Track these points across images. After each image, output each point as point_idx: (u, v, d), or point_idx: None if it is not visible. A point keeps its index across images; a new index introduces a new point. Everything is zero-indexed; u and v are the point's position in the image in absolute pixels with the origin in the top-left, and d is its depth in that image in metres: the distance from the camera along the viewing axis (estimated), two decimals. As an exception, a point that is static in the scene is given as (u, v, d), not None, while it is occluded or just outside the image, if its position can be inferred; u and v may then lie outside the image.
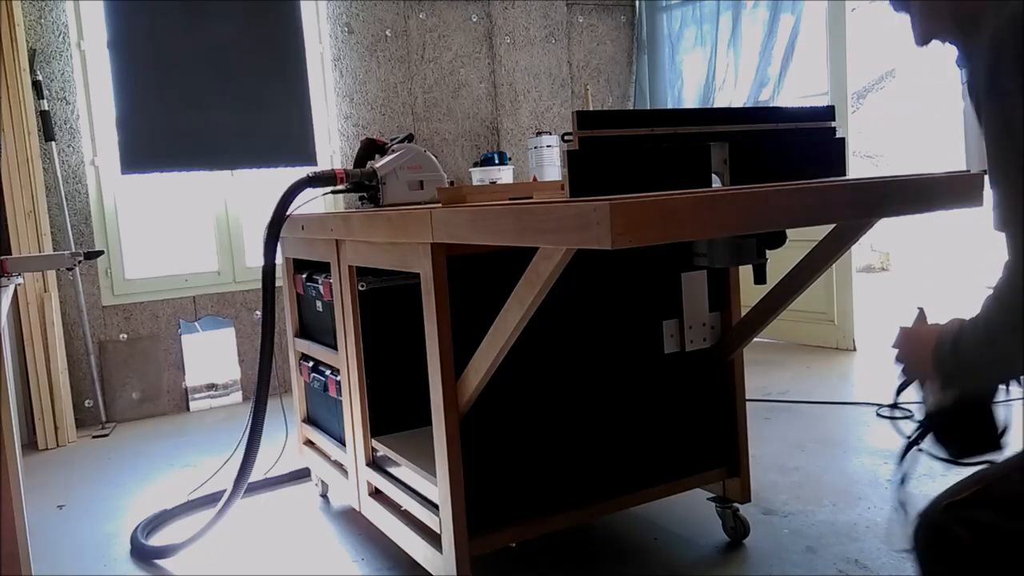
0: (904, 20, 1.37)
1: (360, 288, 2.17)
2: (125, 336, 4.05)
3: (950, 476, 1.19)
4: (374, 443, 2.18)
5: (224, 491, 2.40)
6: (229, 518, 2.39)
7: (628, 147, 1.54)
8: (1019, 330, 1.03)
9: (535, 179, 4.51)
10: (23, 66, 3.65)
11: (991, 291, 1.06)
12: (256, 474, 2.48)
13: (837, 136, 1.82)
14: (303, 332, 2.71)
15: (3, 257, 2.03)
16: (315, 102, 4.45)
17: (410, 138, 2.61)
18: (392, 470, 2.12)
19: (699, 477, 2.20)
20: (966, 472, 1.17)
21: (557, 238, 1.34)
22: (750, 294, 2.09)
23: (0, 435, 1.68)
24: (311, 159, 4.42)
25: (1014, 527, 1.08)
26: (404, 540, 2.03)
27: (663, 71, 5.28)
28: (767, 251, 1.70)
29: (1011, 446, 1.18)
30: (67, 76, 3.90)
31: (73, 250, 3.59)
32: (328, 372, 2.44)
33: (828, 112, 1.84)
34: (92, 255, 2.36)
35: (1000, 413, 1.19)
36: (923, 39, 1.30)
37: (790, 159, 1.73)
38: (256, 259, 2.80)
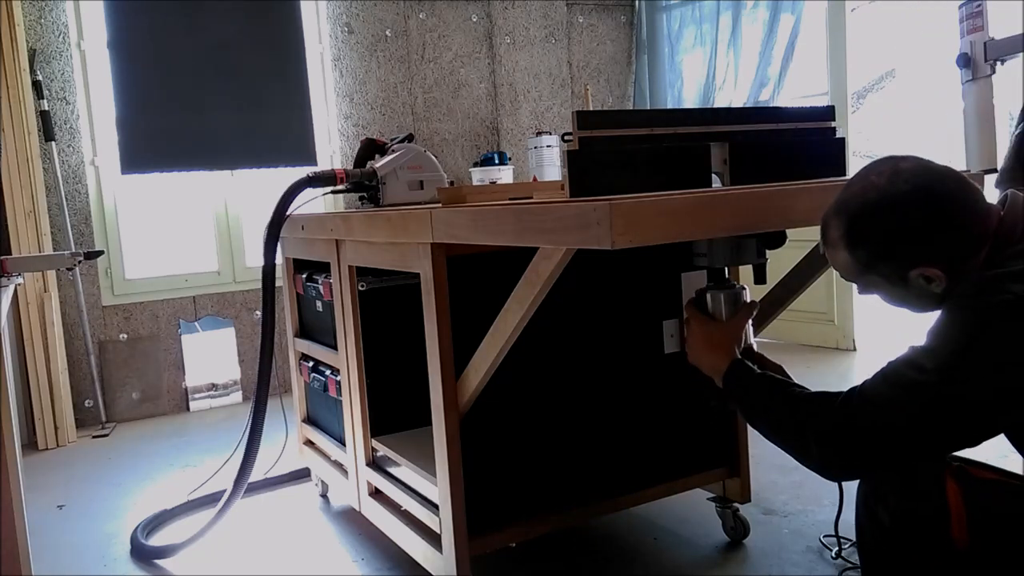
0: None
1: (360, 288, 2.17)
2: (125, 336, 4.05)
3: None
4: (374, 443, 2.18)
5: (224, 491, 2.40)
6: (229, 518, 2.39)
7: (628, 147, 1.54)
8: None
9: (535, 179, 4.51)
10: (23, 66, 3.65)
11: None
12: (256, 474, 2.48)
13: (837, 136, 1.82)
14: (303, 332, 2.71)
15: (3, 257, 2.03)
16: (315, 102, 4.45)
17: (410, 138, 2.61)
18: (392, 470, 2.12)
19: (699, 477, 2.20)
20: None
21: (557, 238, 1.34)
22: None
23: (0, 435, 1.68)
24: (311, 159, 4.42)
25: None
26: (404, 540, 2.03)
27: (663, 71, 5.28)
28: (767, 251, 1.69)
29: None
30: (67, 76, 3.90)
31: (73, 250, 3.60)
32: (328, 372, 2.44)
33: (828, 112, 1.84)
34: (92, 255, 2.36)
35: None
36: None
37: (790, 159, 1.73)
38: (256, 259, 2.79)
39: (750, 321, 1.62)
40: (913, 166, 1.23)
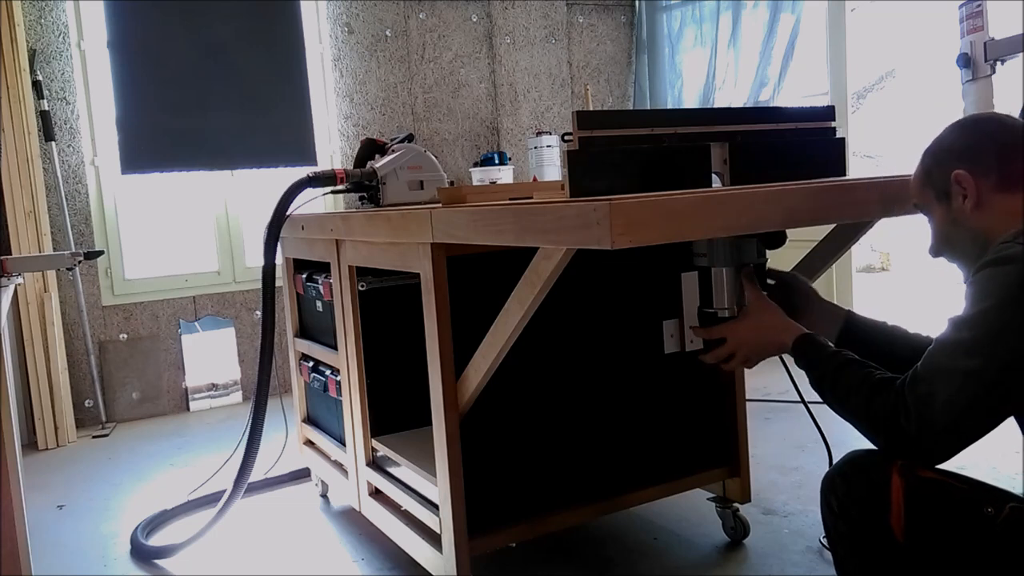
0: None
1: (360, 288, 2.17)
2: (125, 336, 4.05)
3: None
4: (374, 443, 2.18)
5: (224, 491, 2.40)
6: (229, 518, 2.39)
7: (628, 147, 1.54)
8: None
9: (535, 179, 4.50)
10: (23, 66, 3.65)
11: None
12: (256, 474, 2.48)
13: (837, 136, 1.82)
14: (303, 332, 2.71)
15: (3, 257, 2.02)
16: (315, 102, 4.45)
17: (410, 138, 2.61)
18: (392, 470, 2.12)
19: (699, 477, 2.20)
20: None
21: (557, 238, 1.34)
22: (750, 294, 2.08)
23: (0, 435, 1.69)
24: (311, 159, 4.42)
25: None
26: (404, 540, 2.03)
27: (663, 71, 5.27)
28: (767, 251, 1.70)
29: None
30: (67, 76, 3.90)
31: (73, 250, 3.59)
32: (328, 372, 2.44)
33: (828, 112, 1.84)
34: (92, 255, 2.36)
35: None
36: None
37: (790, 159, 1.73)
38: (256, 259, 2.80)
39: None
40: (989, 114, 1.45)
